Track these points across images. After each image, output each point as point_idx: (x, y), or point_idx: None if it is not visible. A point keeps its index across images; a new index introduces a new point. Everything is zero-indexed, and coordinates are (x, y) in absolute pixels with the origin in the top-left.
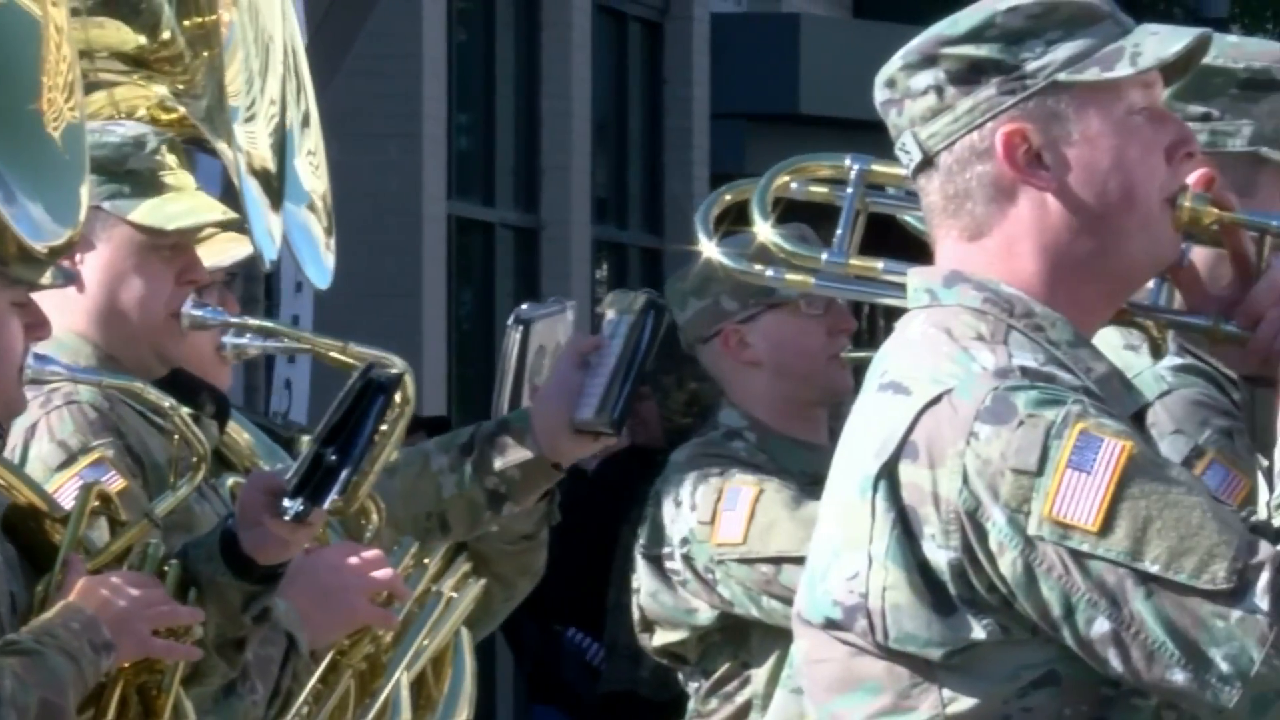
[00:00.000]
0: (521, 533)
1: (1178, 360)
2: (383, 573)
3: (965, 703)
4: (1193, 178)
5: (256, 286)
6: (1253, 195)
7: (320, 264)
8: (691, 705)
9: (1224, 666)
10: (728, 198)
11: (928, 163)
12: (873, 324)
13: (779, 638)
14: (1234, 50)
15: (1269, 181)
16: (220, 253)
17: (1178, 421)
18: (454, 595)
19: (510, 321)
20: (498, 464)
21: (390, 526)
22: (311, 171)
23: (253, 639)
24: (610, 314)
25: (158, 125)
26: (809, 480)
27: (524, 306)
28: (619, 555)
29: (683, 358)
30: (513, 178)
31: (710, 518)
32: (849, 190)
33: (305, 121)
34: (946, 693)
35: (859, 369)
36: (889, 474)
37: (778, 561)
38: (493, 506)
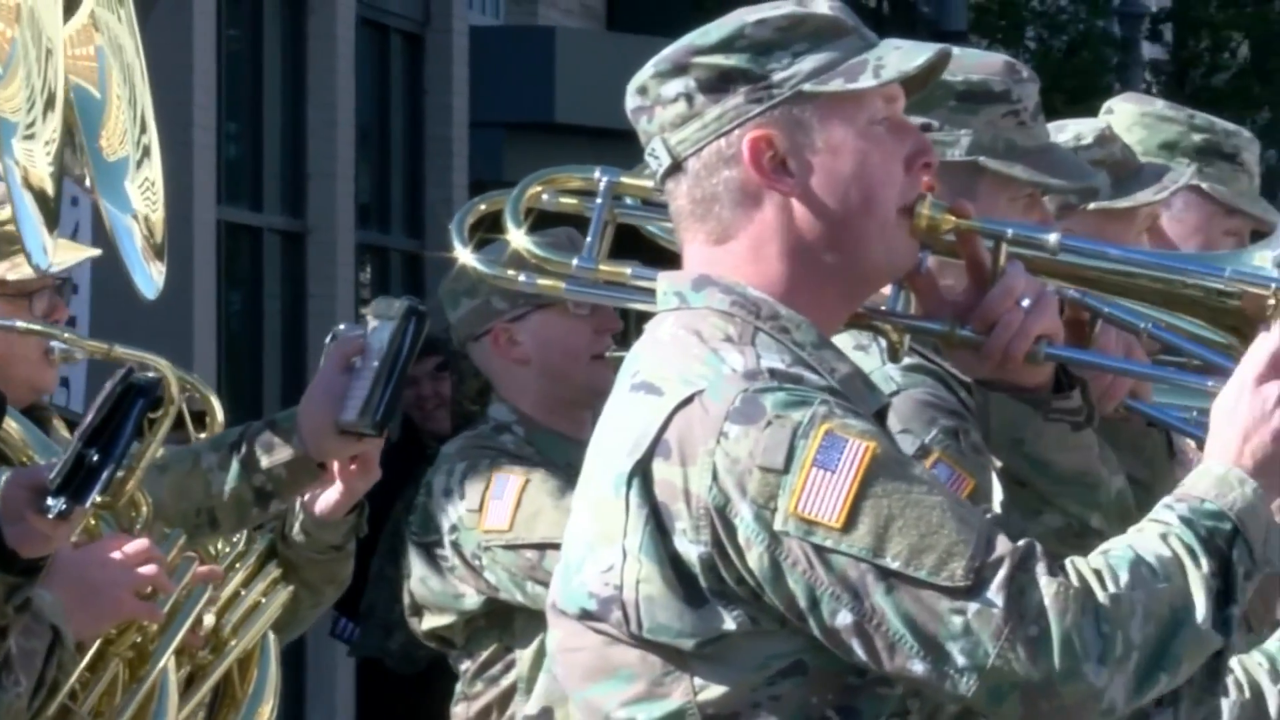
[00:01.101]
0: (330, 543)
1: (906, 360)
2: (148, 569)
3: (716, 691)
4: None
5: None
6: (971, 203)
7: (147, 276)
8: (459, 688)
9: (961, 659)
10: (482, 207)
11: (676, 168)
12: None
13: (543, 622)
14: (953, 63)
15: (988, 190)
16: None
17: (905, 421)
18: (262, 600)
19: (328, 339)
20: (265, 462)
21: (160, 520)
22: (144, 197)
23: (14, 628)
24: (373, 320)
25: None
26: (573, 472)
27: (342, 326)
28: (388, 529)
29: None
30: (280, 184)
31: (478, 506)
32: (598, 201)
33: (146, 153)
34: (698, 681)
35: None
36: (642, 471)
37: (542, 548)
38: (260, 504)
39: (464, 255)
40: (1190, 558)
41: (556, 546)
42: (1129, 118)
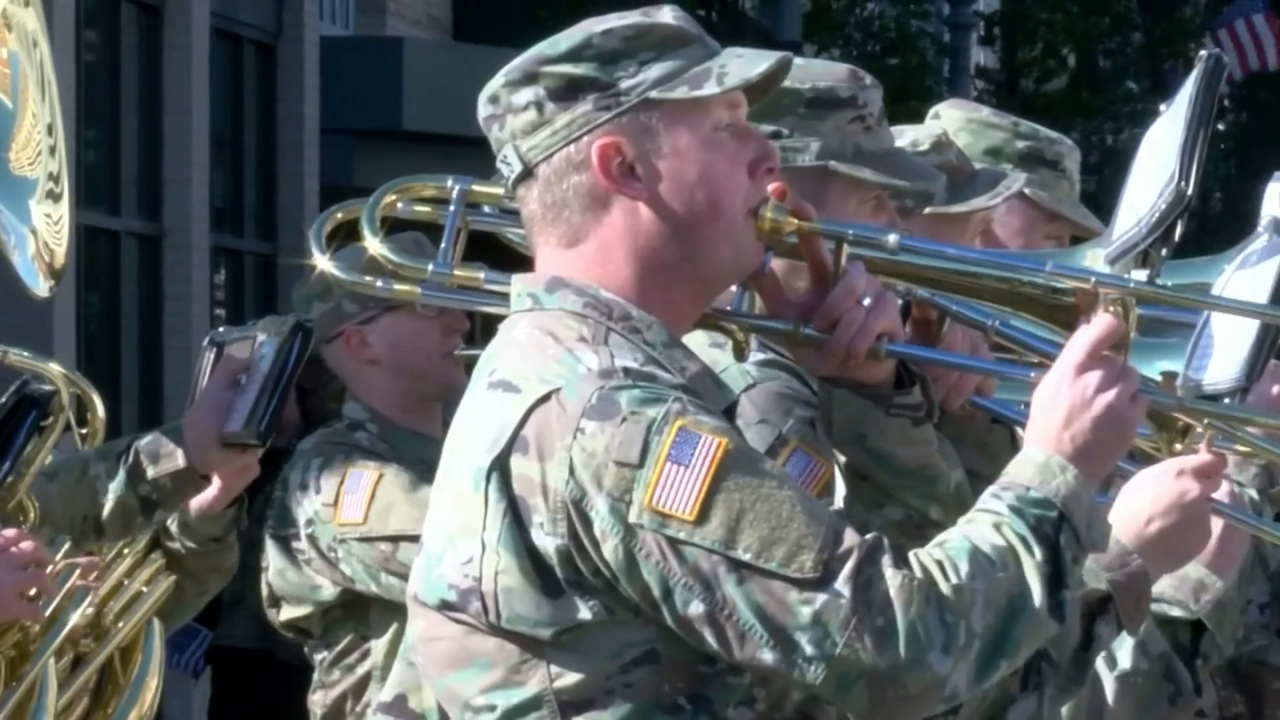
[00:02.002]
0: (211, 535)
1: (760, 355)
2: (31, 573)
3: (572, 678)
4: (769, 189)
5: None
6: (823, 207)
7: (36, 279)
8: (316, 676)
9: (809, 648)
10: (339, 215)
11: (528, 174)
12: (488, 324)
13: (397, 612)
14: (800, 71)
15: (838, 193)
16: None
17: (762, 412)
18: (145, 589)
19: (205, 343)
20: (150, 473)
21: (47, 525)
22: (49, 228)
23: None
24: (260, 336)
25: None
26: (426, 468)
27: (220, 330)
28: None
29: None
30: (137, 189)
31: (333, 500)
32: (452, 208)
33: (55, 197)
34: (554, 668)
35: (471, 366)
36: (501, 466)
37: (395, 540)
38: (145, 513)
39: (322, 262)
40: (1024, 546)
41: (409, 539)
42: (955, 123)
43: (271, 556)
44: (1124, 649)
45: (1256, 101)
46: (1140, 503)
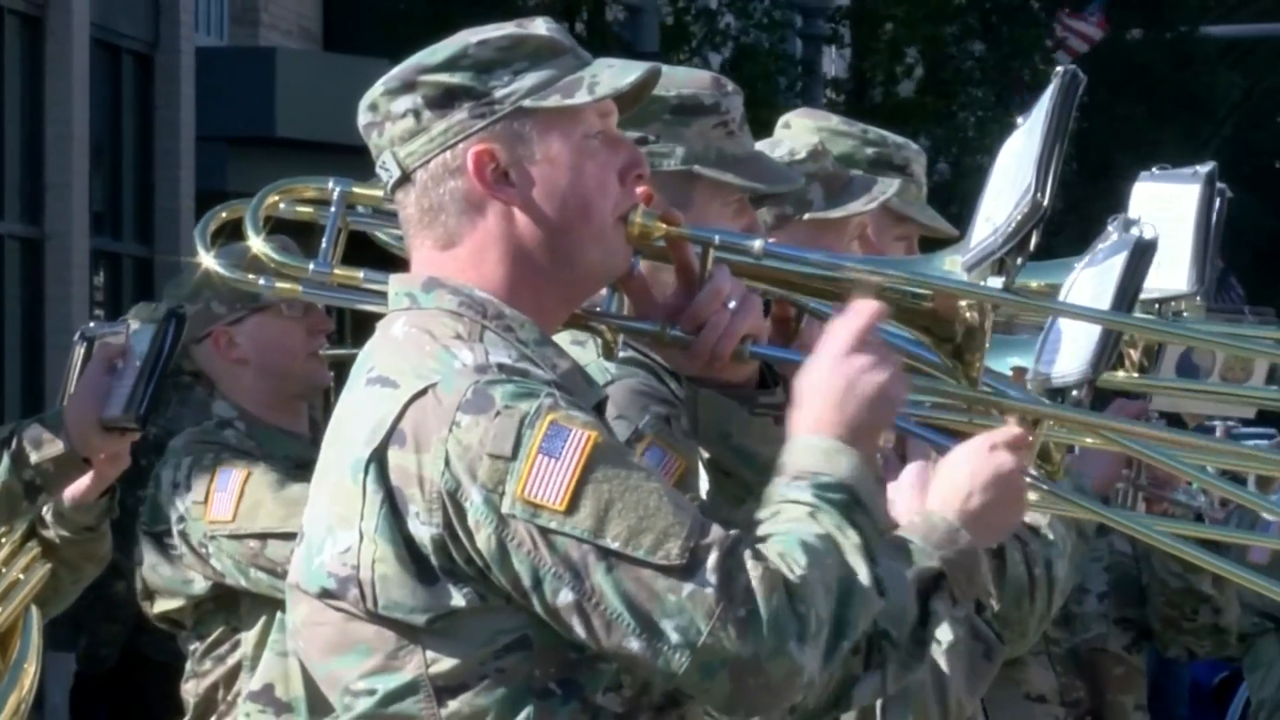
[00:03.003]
0: (84, 524)
1: (621, 354)
2: None
3: (447, 663)
4: (638, 191)
5: None
6: (688, 209)
7: None
8: (189, 666)
9: (674, 636)
10: (224, 215)
11: (405, 179)
12: (357, 325)
13: (266, 605)
14: (665, 79)
15: (702, 196)
16: None
17: (620, 408)
18: (21, 576)
19: (76, 338)
20: (34, 458)
21: None
22: None
23: None
24: (135, 323)
25: None
26: (292, 464)
27: (90, 324)
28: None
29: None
30: (19, 194)
31: (204, 498)
32: (333, 209)
33: None
34: (430, 654)
35: (336, 365)
36: (378, 459)
37: (263, 537)
38: (29, 497)
39: (208, 261)
40: (840, 531)
41: (277, 536)
42: (806, 131)
43: (145, 552)
44: (943, 624)
45: (1095, 104)
46: (960, 478)
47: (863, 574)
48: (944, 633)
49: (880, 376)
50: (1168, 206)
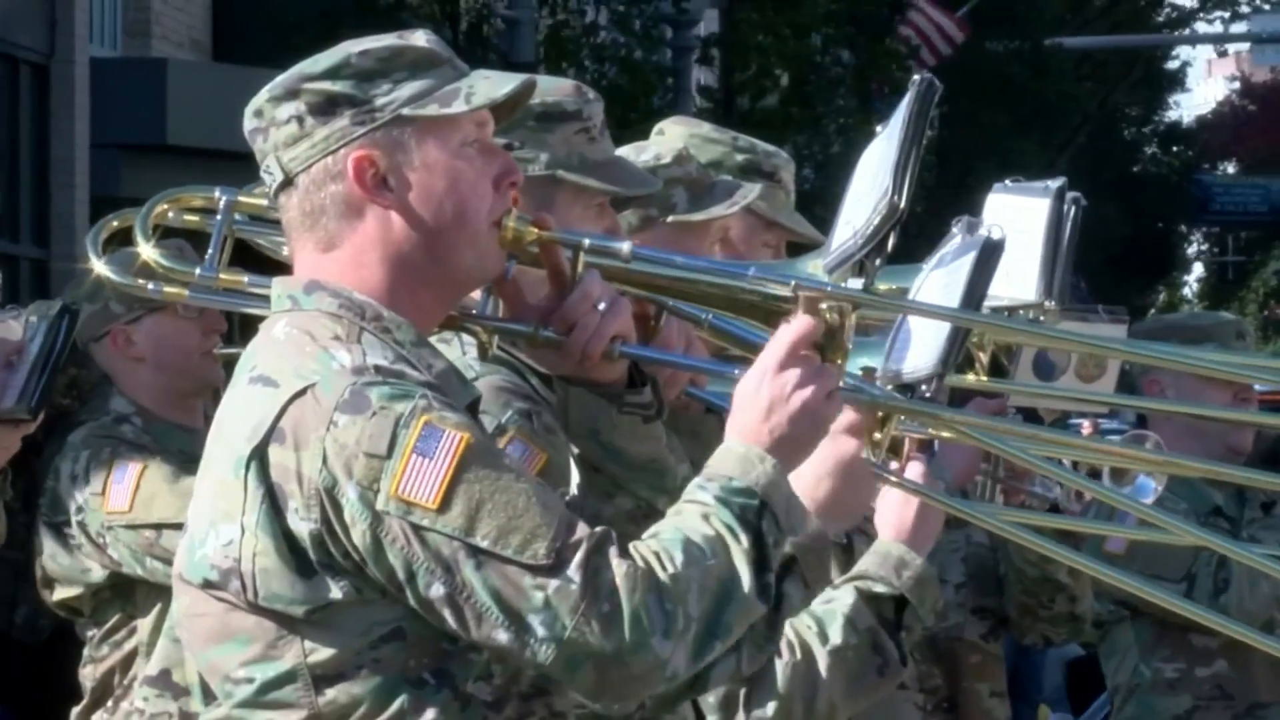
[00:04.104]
0: None
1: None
2: None
3: (324, 653)
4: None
5: None
6: (551, 212)
7: None
8: (86, 652)
9: (541, 631)
10: (115, 223)
11: (288, 183)
12: (246, 325)
13: (161, 593)
14: None
15: (565, 200)
16: None
17: (484, 404)
18: None
19: None
20: None
21: None
22: None
23: None
24: (31, 319)
25: None
26: (187, 459)
27: None
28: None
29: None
30: None
31: (101, 490)
32: (219, 217)
33: None
34: (308, 644)
35: (230, 363)
36: (259, 456)
37: (159, 527)
38: None
39: (98, 266)
40: (731, 535)
41: (172, 526)
42: (679, 138)
43: (44, 541)
44: (834, 625)
45: (959, 113)
46: (807, 465)
47: (745, 579)
48: (834, 634)
49: (808, 391)
50: (1019, 218)
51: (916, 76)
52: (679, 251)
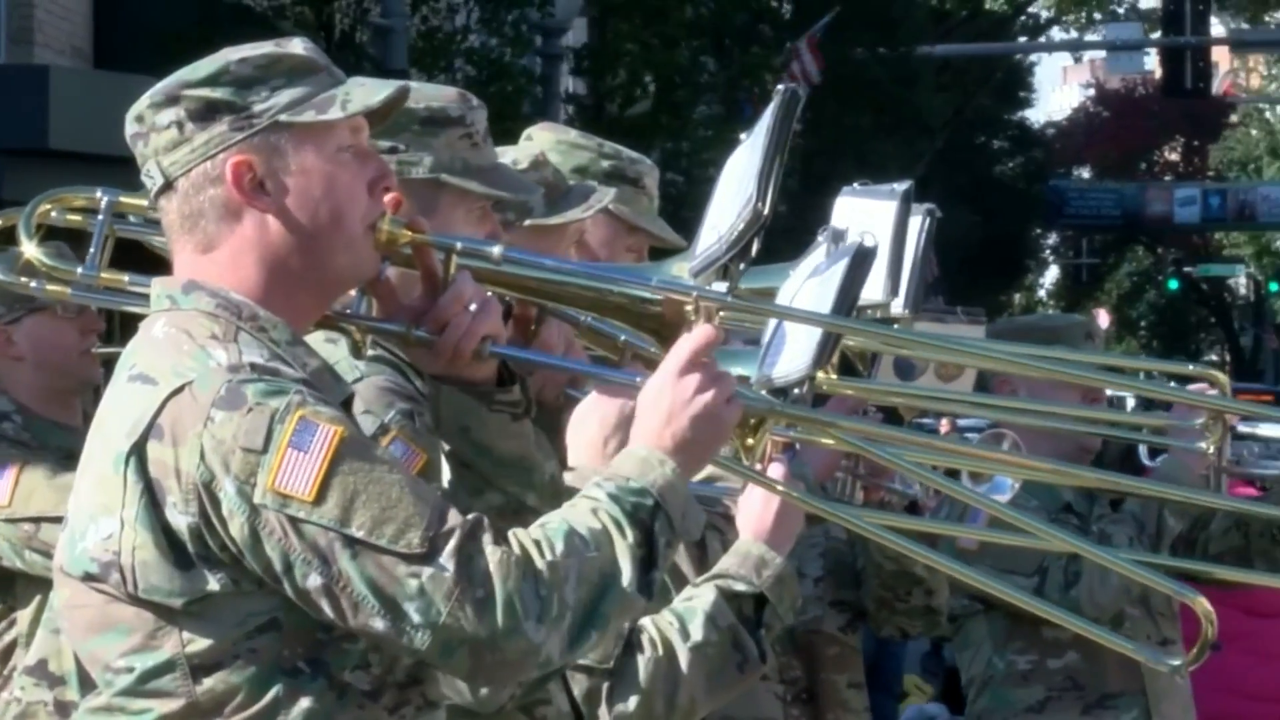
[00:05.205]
0: None
1: (369, 352)
2: None
3: (202, 643)
4: (385, 200)
5: None
6: (433, 215)
7: None
8: None
9: (416, 617)
10: None
11: (168, 187)
12: (126, 324)
13: (40, 585)
14: (414, 93)
15: (448, 203)
16: None
17: (367, 404)
18: None
19: None
20: None
21: None
22: None
23: None
24: None
25: None
26: (66, 455)
27: None
28: None
29: None
30: None
31: None
32: (100, 217)
33: None
34: (186, 635)
35: (108, 362)
36: (138, 452)
37: (38, 521)
38: None
39: None
40: (617, 529)
41: (51, 520)
42: (546, 144)
43: None
44: (695, 622)
45: (825, 118)
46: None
47: (627, 574)
48: (695, 631)
49: (709, 396)
50: (867, 220)
51: (781, 86)
52: (533, 253)
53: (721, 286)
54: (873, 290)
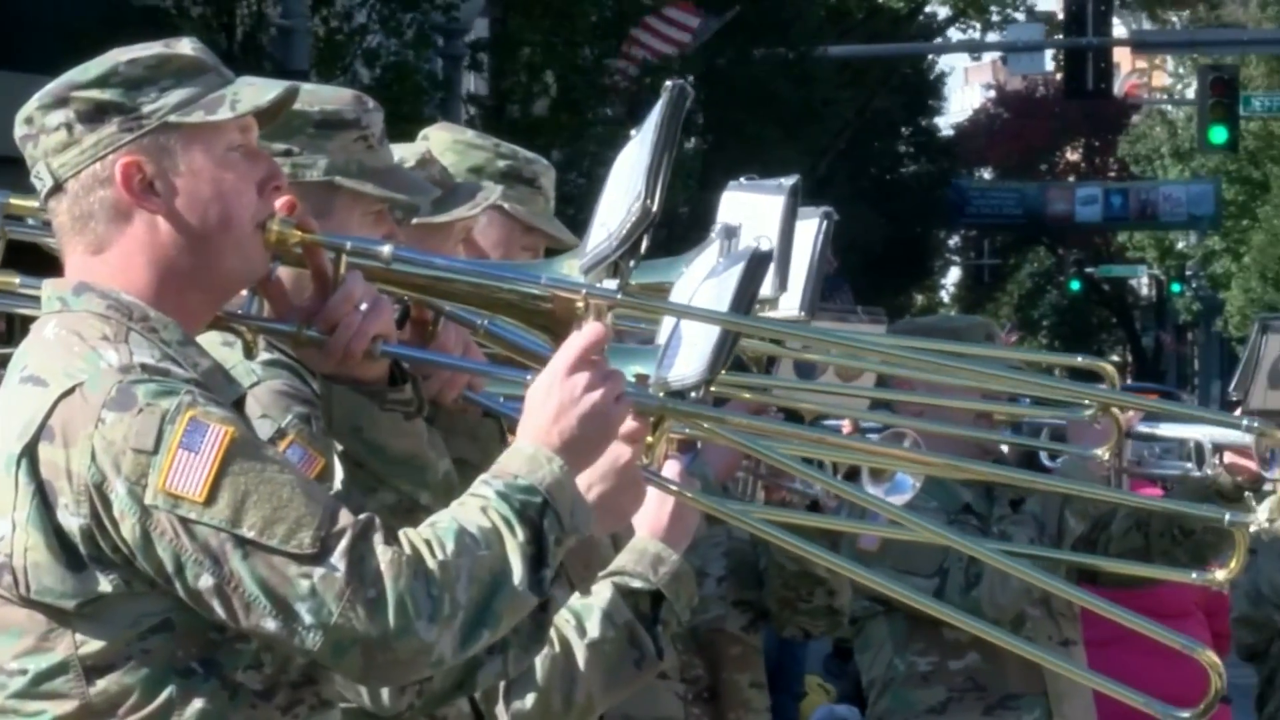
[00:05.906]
0: None
1: (267, 355)
2: None
3: (95, 645)
4: (278, 203)
5: None
6: (329, 217)
7: None
8: None
9: (308, 617)
10: None
11: (58, 188)
12: (25, 326)
13: None
14: (309, 96)
15: (343, 206)
16: None
17: (265, 407)
18: None
19: None
20: None
21: None
22: None
23: None
24: None
25: None
26: None
27: None
28: None
29: None
30: None
31: None
32: None
33: None
34: (79, 636)
35: (3, 364)
36: (30, 453)
37: None
38: None
39: None
40: (507, 528)
41: None
42: (442, 144)
43: None
44: (592, 619)
45: (721, 123)
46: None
47: (517, 571)
48: (592, 627)
49: (597, 394)
50: (754, 215)
51: (669, 82)
52: (423, 252)
53: (612, 284)
54: (762, 286)
